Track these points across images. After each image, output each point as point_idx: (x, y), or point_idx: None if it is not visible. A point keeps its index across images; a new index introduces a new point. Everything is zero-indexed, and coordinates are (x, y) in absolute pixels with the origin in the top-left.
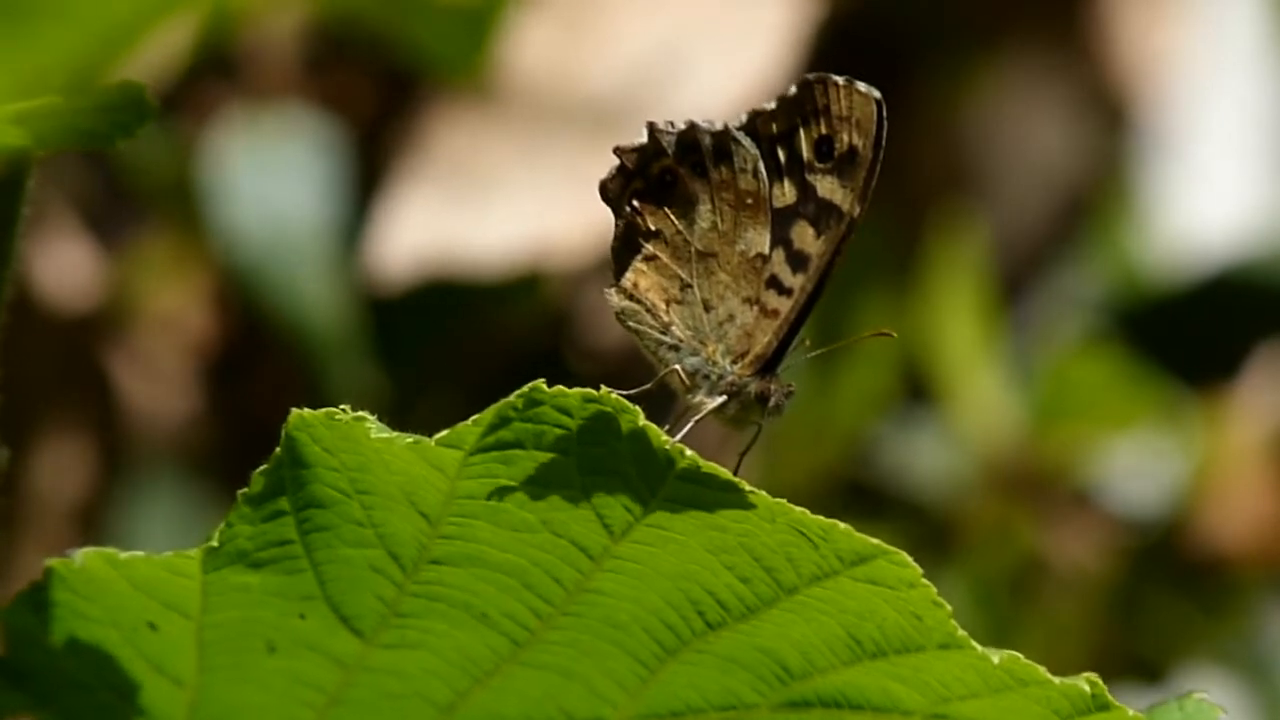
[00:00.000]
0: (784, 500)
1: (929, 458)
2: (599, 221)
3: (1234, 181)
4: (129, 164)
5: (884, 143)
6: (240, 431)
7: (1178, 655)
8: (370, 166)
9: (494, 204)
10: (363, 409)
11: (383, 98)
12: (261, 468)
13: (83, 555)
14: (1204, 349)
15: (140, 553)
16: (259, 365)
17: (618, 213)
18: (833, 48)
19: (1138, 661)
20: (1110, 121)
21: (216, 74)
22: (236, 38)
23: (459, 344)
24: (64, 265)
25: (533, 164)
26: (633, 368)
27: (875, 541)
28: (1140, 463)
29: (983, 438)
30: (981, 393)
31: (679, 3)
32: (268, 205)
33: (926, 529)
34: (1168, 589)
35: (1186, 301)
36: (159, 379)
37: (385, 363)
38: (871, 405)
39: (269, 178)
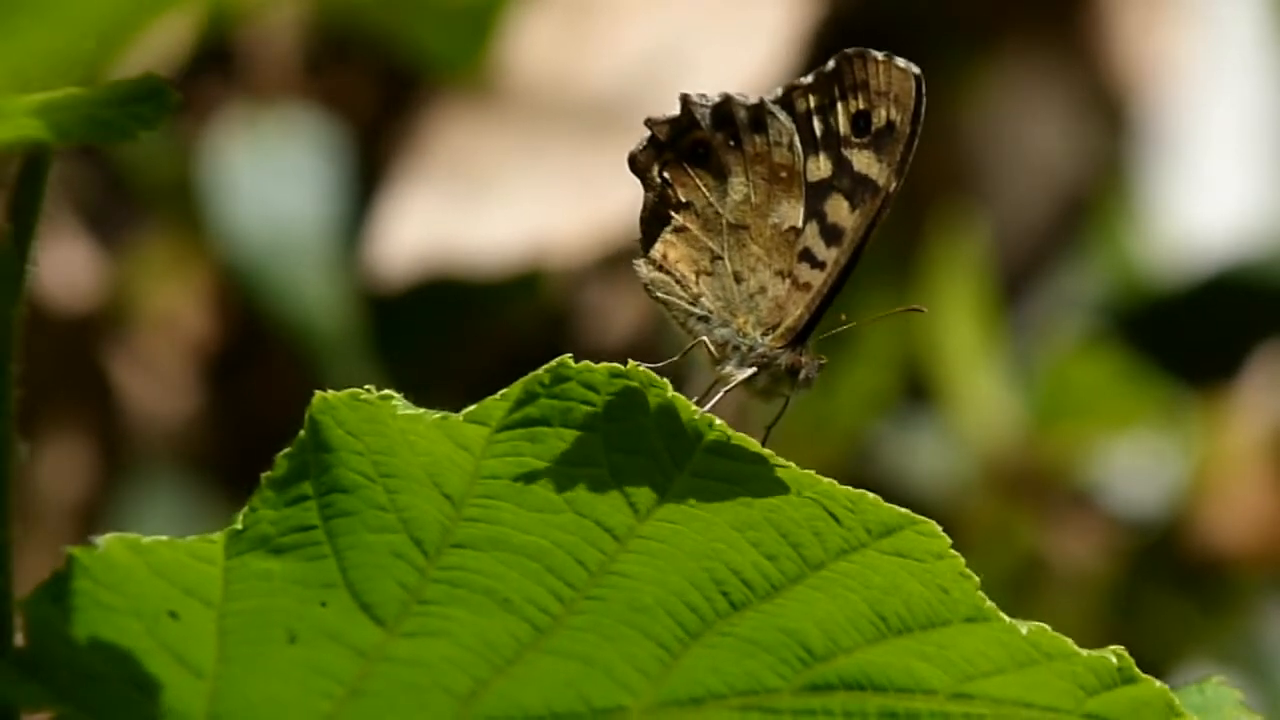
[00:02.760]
0: (812, 471)
1: (929, 458)
2: (600, 220)
3: (1234, 181)
4: (129, 164)
5: (922, 118)
6: (240, 431)
7: (1178, 655)
8: (370, 165)
9: (494, 203)
10: None
11: (383, 97)
12: (285, 450)
13: (104, 541)
14: (1204, 349)
15: (163, 537)
16: (259, 365)
17: (647, 184)
18: (833, 47)
19: (1138, 661)
20: (1110, 122)
21: (217, 73)
22: (237, 37)
23: (459, 342)
24: (64, 265)
25: (533, 163)
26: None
27: (903, 511)
28: (1140, 463)
29: (983, 438)
30: (981, 393)
31: (680, 2)
32: (268, 205)
33: None
34: (1168, 589)
35: (1186, 301)
36: (159, 379)
37: (386, 361)
38: (872, 405)
39: (269, 177)
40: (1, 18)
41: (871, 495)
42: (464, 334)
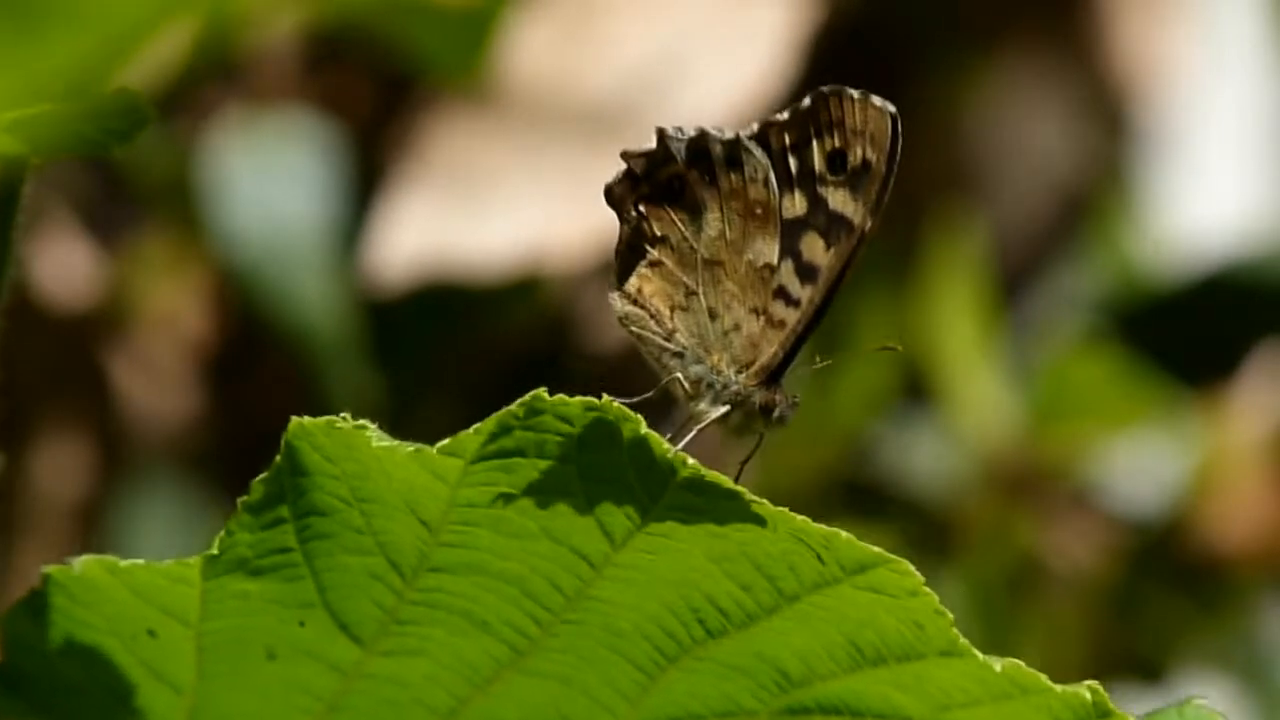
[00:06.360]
0: (785, 509)
1: (928, 458)
2: (598, 225)
3: (1234, 181)
4: (128, 164)
5: (898, 157)
6: (239, 432)
7: (1177, 655)
8: (369, 169)
9: (493, 207)
10: (361, 412)
11: (382, 100)
12: (261, 475)
13: (81, 562)
14: (1204, 349)
15: (140, 560)
16: (258, 366)
17: (623, 217)
18: (833, 49)
19: (1137, 661)
20: (1110, 121)
21: (216, 75)
22: (236, 39)
23: (458, 347)
24: (63, 265)
25: (532, 167)
26: (632, 372)
27: (877, 550)
28: (1140, 463)
29: (982, 438)
30: (981, 393)
31: (679, 6)
32: (266, 207)
33: (925, 529)
34: (1167, 589)
35: (1186, 301)
36: (159, 379)
37: (384, 366)
38: (871, 405)
39: (268, 179)
40: (7, 29)
41: (845, 534)
42: (462, 339)
